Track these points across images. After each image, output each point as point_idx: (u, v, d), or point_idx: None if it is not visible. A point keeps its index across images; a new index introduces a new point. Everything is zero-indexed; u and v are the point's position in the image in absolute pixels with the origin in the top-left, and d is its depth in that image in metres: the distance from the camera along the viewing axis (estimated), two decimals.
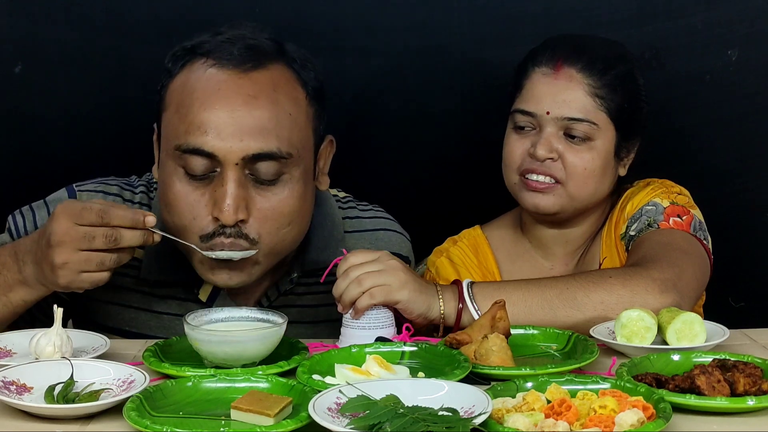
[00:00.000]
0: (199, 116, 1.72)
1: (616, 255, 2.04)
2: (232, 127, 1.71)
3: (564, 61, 2.01)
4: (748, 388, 1.43)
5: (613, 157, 2.03)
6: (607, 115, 2.00)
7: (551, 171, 2.00)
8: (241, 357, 1.59)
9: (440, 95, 2.51)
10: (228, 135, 1.71)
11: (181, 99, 1.76)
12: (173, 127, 1.75)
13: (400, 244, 2.06)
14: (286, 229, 1.78)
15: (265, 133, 1.72)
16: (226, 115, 1.71)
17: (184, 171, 1.74)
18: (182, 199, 1.75)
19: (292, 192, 1.77)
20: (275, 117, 1.74)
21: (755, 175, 2.52)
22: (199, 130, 1.71)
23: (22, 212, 1.94)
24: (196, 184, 1.74)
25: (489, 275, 2.13)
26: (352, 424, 1.30)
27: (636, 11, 2.46)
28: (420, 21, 2.48)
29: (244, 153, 1.71)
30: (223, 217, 1.71)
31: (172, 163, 1.76)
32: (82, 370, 1.51)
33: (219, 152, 1.71)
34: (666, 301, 1.76)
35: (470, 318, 1.77)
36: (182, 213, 1.75)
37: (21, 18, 2.42)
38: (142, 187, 1.98)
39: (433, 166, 2.54)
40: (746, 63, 2.46)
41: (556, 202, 2.02)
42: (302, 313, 1.94)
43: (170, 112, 1.77)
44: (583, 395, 1.37)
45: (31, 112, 2.46)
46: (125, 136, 2.47)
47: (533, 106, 2.01)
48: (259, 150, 1.71)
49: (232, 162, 1.71)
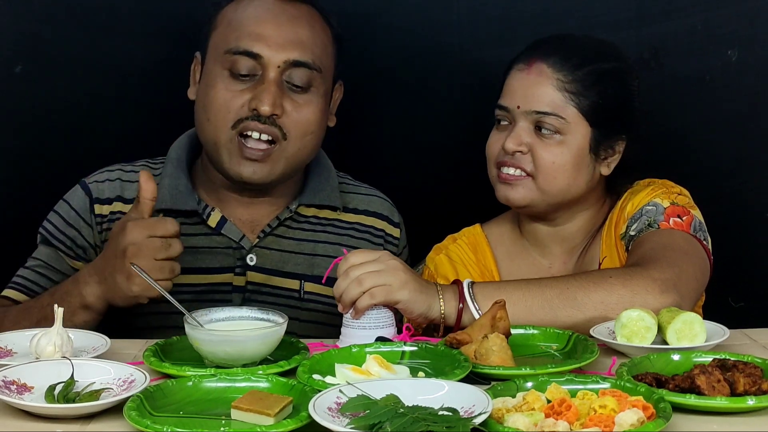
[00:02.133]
0: (250, 27, 2.01)
1: (615, 255, 2.04)
2: (278, 37, 2.00)
3: (538, 57, 2.03)
4: (748, 387, 1.43)
5: (589, 154, 2.03)
6: (577, 111, 2.00)
7: (521, 164, 2.01)
8: (242, 357, 1.59)
9: (440, 95, 2.51)
10: (274, 43, 2.00)
11: (233, 17, 2.03)
12: (224, 37, 2.02)
13: (392, 210, 2.23)
14: (309, 137, 2.03)
15: (303, 46, 2.01)
16: (274, 28, 2.01)
17: (230, 72, 2.00)
18: (222, 95, 2.00)
19: (317, 104, 2.04)
20: (311, 36, 2.04)
21: (755, 175, 2.52)
22: (249, 37, 2.00)
23: (49, 219, 2.09)
24: (237, 84, 2.00)
25: (487, 273, 2.14)
26: (352, 423, 1.30)
27: (635, 11, 2.46)
28: (420, 21, 2.48)
29: (286, 57, 1.99)
30: (262, 107, 1.97)
31: (218, 67, 2.01)
32: (83, 370, 1.51)
33: (265, 54, 1.99)
34: (666, 301, 1.77)
35: (471, 318, 1.77)
36: (221, 106, 2.00)
37: (21, 18, 2.42)
38: (142, 160, 2.17)
39: (433, 165, 2.54)
40: (746, 63, 2.46)
41: (526, 195, 2.02)
42: (300, 245, 2.12)
43: (221, 28, 2.04)
44: (583, 395, 1.37)
45: (31, 112, 2.46)
46: (125, 135, 2.47)
47: (507, 101, 2.04)
48: (298, 57, 2.00)
49: (275, 65, 1.99)
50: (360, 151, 2.40)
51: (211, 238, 2.08)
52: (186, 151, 2.14)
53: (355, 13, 2.41)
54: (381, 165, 2.51)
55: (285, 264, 2.09)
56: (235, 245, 2.07)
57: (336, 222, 2.15)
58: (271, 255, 2.09)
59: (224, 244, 2.08)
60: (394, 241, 2.20)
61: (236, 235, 2.07)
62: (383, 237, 2.18)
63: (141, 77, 2.47)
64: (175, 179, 2.08)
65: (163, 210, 2.05)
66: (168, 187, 2.07)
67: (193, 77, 2.11)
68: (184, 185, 2.08)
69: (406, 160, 2.54)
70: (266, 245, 2.09)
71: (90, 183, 2.10)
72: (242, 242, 2.07)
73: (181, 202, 2.07)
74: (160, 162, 2.15)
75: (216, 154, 2.03)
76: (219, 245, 2.08)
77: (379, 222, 2.19)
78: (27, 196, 2.12)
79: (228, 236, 2.07)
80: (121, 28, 2.45)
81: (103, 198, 2.09)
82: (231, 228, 2.08)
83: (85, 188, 2.10)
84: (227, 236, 2.07)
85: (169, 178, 2.09)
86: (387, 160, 2.54)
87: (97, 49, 2.44)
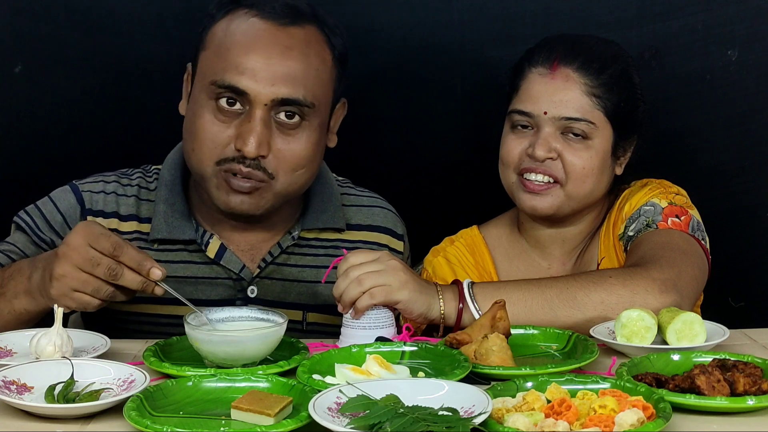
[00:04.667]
0: (237, 58, 1.88)
1: (614, 255, 2.04)
2: (266, 71, 1.87)
3: (560, 60, 2.01)
4: (747, 387, 1.43)
5: (611, 156, 2.04)
6: (603, 114, 2.00)
7: (551, 171, 2.00)
8: (242, 357, 1.59)
9: (440, 95, 2.51)
10: (261, 78, 1.87)
11: (221, 41, 1.91)
12: (211, 64, 1.91)
13: (395, 221, 2.16)
14: (300, 171, 1.93)
15: (294, 82, 1.88)
16: (263, 61, 1.87)
17: (215, 105, 1.89)
18: (208, 128, 1.89)
19: (309, 139, 1.92)
20: (304, 69, 1.90)
21: (755, 175, 2.52)
22: (236, 69, 1.87)
23: (28, 211, 2.01)
24: (223, 118, 1.89)
25: (486, 275, 2.14)
26: (352, 423, 1.30)
27: (636, 11, 2.46)
28: (420, 20, 2.48)
29: (274, 96, 1.87)
30: (246, 149, 1.86)
31: (204, 96, 1.90)
32: (83, 370, 1.51)
33: (251, 92, 1.86)
34: (666, 301, 1.77)
35: (471, 318, 1.77)
36: (205, 140, 1.89)
37: (21, 18, 2.42)
38: (138, 172, 2.09)
39: (433, 166, 2.54)
40: (746, 63, 2.46)
41: (554, 203, 2.02)
42: (303, 273, 2.05)
43: (209, 51, 1.92)
44: (583, 395, 1.37)
45: (31, 112, 2.46)
46: (125, 135, 2.48)
47: (530, 107, 2.01)
48: (287, 95, 1.87)
49: (262, 102, 1.87)
50: (359, 151, 2.40)
51: (211, 267, 2.00)
52: (179, 169, 2.04)
53: (355, 14, 2.41)
54: (381, 166, 2.51)
55: (287, 295, 2.03)
56: (236, 276, 2.00)
57: (338, 242, 2.08)
58: (273, 286, 2.02)
59: (224, 274, 2.00)
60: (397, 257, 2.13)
61: (236, 266, 2.00)
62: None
63: (140, 77, 2.47)
64: (170, 206, 2.00)
65: (159, 240, 1.99)
66: (164, 215, 2.00)
67: (185, 90, 2.01)
68: (180, 211, 2.00)
69: (406, 160, 2.54)
70: (267, 275, 2.02)
71: (84, 191, 2.03)
72: (242, 273, 2.00)
73: (178, 231, 1.99)
74: (154, 173, 2.08)
75: (203, 183, 1.94)
76: (219, 275, 2.00)
77: (382, 237, 2.13)
78: (26, 195, 2.12)
79: (228, 267, 2.00)
80: (121, 28, 2.45)
81: (96, 210, 2.01)
82: (231, 258, 2.00)
83: (76, 193, 2.02)
84: (227, 267, 2.00)
85: (164, 204, 2.00)
86: (386, 160, 2.54)
87: (97, 49, 2.45)
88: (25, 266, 1.78)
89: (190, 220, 2.01)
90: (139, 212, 2.03)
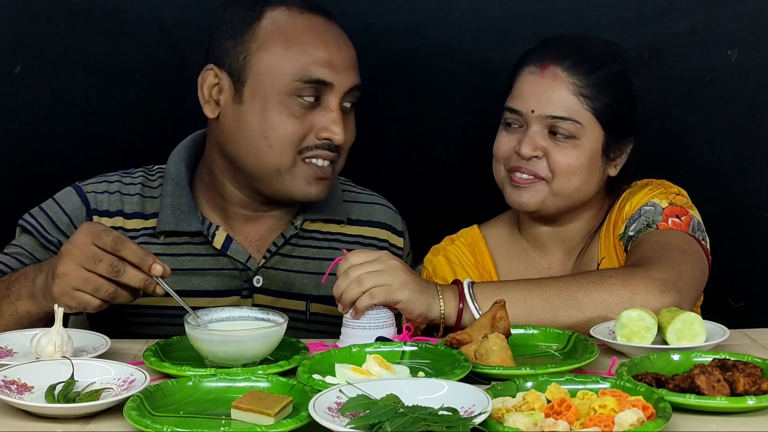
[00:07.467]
0: (317, 52, 1.95)
1: (614, 255, 2.04)
2: (345, 62, 1.98)
3: (551, 60, 2.02)
4: (747, 387, 1.43)
5: (601, 156, 2.03)
6: (592, 115, 2.00)
7: (535, 170, 2.01)
8: (242, 357, 1.59)
9: (440, 95, 2.51)
10: (342, 68, 1.97)
11: (287, 38, 1.95)
12: (283, 64, 1.94)
13: (395, 218, 2.20)
14: (345, 154, 2.04)
15: (357, 69, 2.01)
16: (339, 52, 1.97)
17: (296, 100, 1.94)
18: (291, 121, 1.94)
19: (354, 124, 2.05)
20: (356, 57, 2.02)
21: (754, 175, 2.52)
22: (318, 63, 1.94)
23: (33, 214, 2.04)
24: (301, 111, 1.94)
25: (486, 274, 2.14)
26: (352, 423, 1.30)
27: (635, 11, 2.46)
28: (420, 21, 2.48)
29: (352, 83, 1.98)
30: (335, 137, 1.95)
31: (281, 94, 1.94)
32: (83, 370, 1.51)
33: (336, 82, 1.95)
34: (666, 301, 1.77)
35: (471, 318, 1.77)
36: (288, 133, 1.94)
37: (21, 18, 2.42)
38: (140, 171, 2.12)
39: (433, 166, 2.54)
40: (746, 63, 2.46)
41: (538, 198, 2.02)
42: (306, 264, 2.09)
43: (278, 50, 1.95)
44: (583, 395, 1.37)
45: (31, 112, 2.46)
46: (125, 136, 2.47)
47: (519, 104, 2.02)
48: (358, 81, 2.00)
49: (342, 91, 1.97)
50: (360, 151, 2.39)
51: (217, 259, 2.04)
52: (185, 165, 2.08)
53: (355, 14, 2.41)
54: (381, 165, 2.51)
55: (291, 285, 2.07)
56: (242, 267, 2.04)
57: (340, 236, 2.12)
58: (278, 276, 2.06)
59: (230, 265, 2.04)
60: (398, 252, 2.17)
61: (242, 256, 2.04)
62: (387, 248, 2.14)
63: (140, 78, 2.47)
64: (176, 198, 2.03)
65: (167, 232, 2.02)
66: (170, 208, 2.03)
67: (212, 93, 1.99)
68: (186, 204, 2.04)
69: (406, 160, 2.54)
70: (273, 266, 2.06)
71: (88, 192, 2.06)
72: (249, 263, 2.04)
73: (185, 223, 2.03)
74: (157, 172, 2.11)
75: (275, 178, 1.97)
76: (225, 266, 2.04)
77: (382, 232, 2.16)
78: (26, 196, 2.12)
79: (234, 257, 2.04)
80: (121, 29, 2.45)
81: (101, 210, 2.04)
82: (237, 249, 2.04)
83: (81, 195, 2.05)
84: (233, 257, 2.04)
85: (171, 197, 2.04)
86: (387, 160, 2.53)
87: (96, 50, 2.45)
88: (30, 270, 1.81)
89: (196, 213, 2.04)
90: (143, 209, 2.06)
